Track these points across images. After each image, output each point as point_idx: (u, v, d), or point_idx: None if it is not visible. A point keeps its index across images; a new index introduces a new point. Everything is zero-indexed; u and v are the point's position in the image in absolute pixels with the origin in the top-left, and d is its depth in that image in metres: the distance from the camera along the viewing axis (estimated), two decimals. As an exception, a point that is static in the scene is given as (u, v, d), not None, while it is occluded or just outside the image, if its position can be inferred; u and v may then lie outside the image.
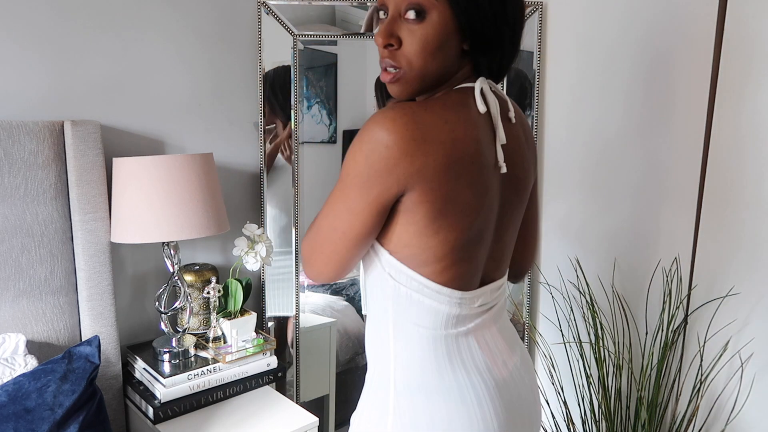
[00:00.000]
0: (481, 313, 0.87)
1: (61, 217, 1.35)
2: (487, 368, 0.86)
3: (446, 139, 0.74)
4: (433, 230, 0.77)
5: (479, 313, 0.87)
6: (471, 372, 0.85)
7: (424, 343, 0.84)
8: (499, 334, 0.90)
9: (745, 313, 1.47)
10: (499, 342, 0.90)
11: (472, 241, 0.81)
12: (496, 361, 0.88)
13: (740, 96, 1.42)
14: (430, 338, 0.84)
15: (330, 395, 1.94)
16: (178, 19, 1.55)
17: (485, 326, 0.88)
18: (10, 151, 1.26)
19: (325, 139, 1.86)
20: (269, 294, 1.78)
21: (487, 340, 0.88)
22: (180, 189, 1.31)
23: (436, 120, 0.75)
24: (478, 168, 0.77)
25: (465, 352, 0.85)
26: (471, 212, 0.78)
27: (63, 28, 1.37)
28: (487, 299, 0.88)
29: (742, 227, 1.45)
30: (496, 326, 0.90)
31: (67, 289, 1.37)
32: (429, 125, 0.74)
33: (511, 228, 0.90)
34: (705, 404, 1.54)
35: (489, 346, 0.88)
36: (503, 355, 0.89)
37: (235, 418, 1.39)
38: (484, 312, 0.88)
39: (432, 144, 0.73)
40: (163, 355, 1.43)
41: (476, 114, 0.79)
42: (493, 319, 0.90)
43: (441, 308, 0.82)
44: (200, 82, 1.62)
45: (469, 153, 0.76)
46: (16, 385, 1.09)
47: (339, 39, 1.76)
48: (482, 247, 0.84)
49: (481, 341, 0.87)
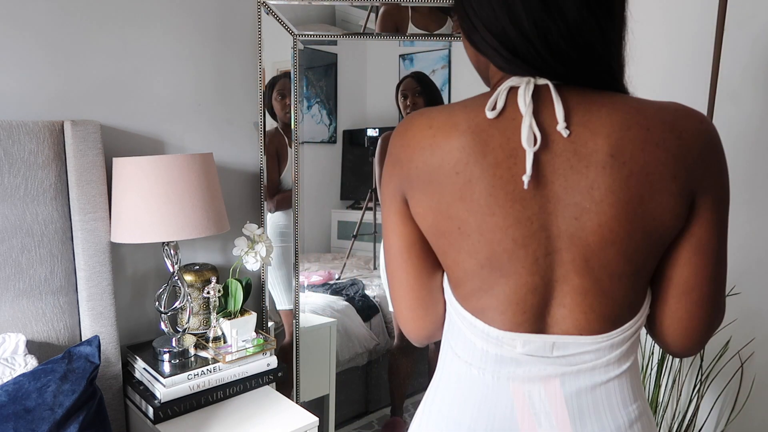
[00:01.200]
0: (535, 363, 0.70)
1: (61, 217, 1.35)
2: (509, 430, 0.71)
3: (425, 144, 0.69)
4: (441, 248, 0.73)
5: (532, 362, 0.70)
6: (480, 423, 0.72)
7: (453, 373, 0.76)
8: (563, 404, 0.70)
9: (745, 313, 1.47)
10: (556, 410, 0.70)
11: (487, 269, 0.69)
12: (532, 429, 0.71)
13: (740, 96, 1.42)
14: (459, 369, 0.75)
15: (330, 395, 1.94)
16: (178, 19, 1.55)
17: (538, 381, 0.70)
18: (10, 151, 1.26)
19: (325, 139, 1.86)
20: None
21: (532, 399, 0.70)
22: (180, 189, 1.31)
23: (422, 123, 0.71)
24: (465, 180, 0.67)
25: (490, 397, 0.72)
26: (471, 232, 0.68)
27: (63, 28, 1.37)
28: (543, 351, 0.70)
29: (742, 227, 1.45)
30: (564, 393, 0.70)
31: (67, 289, 1.37)
32: (416, 130, 0.71)
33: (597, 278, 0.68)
34: (705, 404, 1.54)
35: (532, 406, 0.71)
36: (551, 428, 0.70)
37: (235, 418, 1.39)
38: (538, 363, 0.70)
39: (414, 150, 0.70)
40: (163, 355, 1.43)
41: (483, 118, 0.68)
42: (558, 379, 0.70)
43: (476, 342, 0.72)
44: (200, 82, 1.62)
45: (450, 162, 0.67)
46: (16, 385, 1.09)
47: (339, 39, 1.76)
48: (508, 280, 0.69)
49: (519, 394, 0.71)
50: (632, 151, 0.64)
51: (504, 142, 0.66)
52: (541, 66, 0.67)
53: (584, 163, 0.65)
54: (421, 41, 1.80)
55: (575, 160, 0.65)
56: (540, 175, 0.66)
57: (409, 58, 1.89)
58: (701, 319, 0.72)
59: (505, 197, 0.66)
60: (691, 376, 1.56)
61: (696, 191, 0.66)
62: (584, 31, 0.65)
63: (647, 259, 0.69)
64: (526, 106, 0.65)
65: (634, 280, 0.69)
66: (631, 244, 0.66)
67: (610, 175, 0.64)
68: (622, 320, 0.70)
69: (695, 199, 0.67)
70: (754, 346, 1.45)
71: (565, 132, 0.65)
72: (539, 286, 0.69)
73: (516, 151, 0.66)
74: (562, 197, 0.66)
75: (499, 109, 0.67)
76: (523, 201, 0.66)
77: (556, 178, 0.66)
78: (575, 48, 0.65)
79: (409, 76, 1.87)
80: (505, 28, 0.66)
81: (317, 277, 2.01)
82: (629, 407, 0.72)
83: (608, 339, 0.69)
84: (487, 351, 0.71)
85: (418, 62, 1.87)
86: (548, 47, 0.65)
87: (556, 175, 0.66)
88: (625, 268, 0.67)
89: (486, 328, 0.71)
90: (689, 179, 0.65)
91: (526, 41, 0.66)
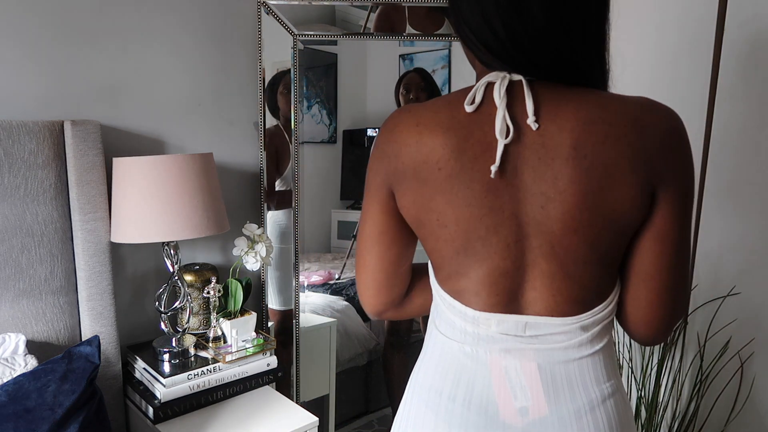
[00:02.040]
0: (510, 341, 0.74)
1: (61, 217, 1.35)
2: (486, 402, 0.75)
3: (412, 142, 0.73)
4: (422, 236, 0.79)
5: (507, 340, 0.74)
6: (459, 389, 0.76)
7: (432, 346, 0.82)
8: (538, 377, 0.73)
9: (745, 313, 1.47)
10: (531, 384, 0.74)
11: (462, 254, 0.74)
12: (508, 401, 0.74)
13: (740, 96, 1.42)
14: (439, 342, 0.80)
15: (330, 395, 1.94)
16: (178, 19, 1.55)
17: (515, 358, 0.74)
18: (10, 151, 1.26)
19: (325, 139, 1.86)
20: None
21: (509, 373, 0.74)
22: (180, 189, 1.31)
23: (409, 121, 0.74)
24: (446, 175, 0.71)
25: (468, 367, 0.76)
26: (449, 223, 0.73)
27: (63, 28, 1.37)
28: (517, 330, 0.74)
29: (742, 227, 1.45)
30: (538, 368, 0.74)
31: (67, 289, 1.37)
32: (403, 126, 0.75)
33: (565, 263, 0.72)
34: (705, 404, 1.54)
35: (509, 380, 0.74)
36: (526, 400, 0.74)
37: (235, 418, 1.39)
38: (514, 341, 0.74)
39: (401, 146, 0.74)
40: (163, 355, 1.43)
41: (464, 114, 0.71)
42: (534, 356, 0.74)
43: (455, 320, 0.77)
44: (200, 82, 1.62)
45: (433, 158, 0.71)
46: (16, 385, 1.09)
47: (339, 39, 1.76)
48: (482, 264, 0.73)
49: (496, 369, 0.74)
50: (593, 144, 0.67)
51: (482, 136, 0.70)
52: (513, 63, 0.71)
53: (551, 155, 0.69)
54: (421, 41, 1.80)
55: (543, 152, 0.69)
56: (511, 166, 0.70)
57: (409, 58, 1.89)
58: (660, 307, 0.75)
59: (480, 188, 0.70)
60: (691, 376, 1.56)
61: (657, 184, 0.69)
62: (551, 34, 0.68)
63: (611, 247, 0.72)
64: (500, 100, 0.69)
65: (599, 267, 0.73)
66: (593, 232, 0.70)
67: (572, 167, 0.68)
68: (591, 304, 0.74)
69: (656, 192, 0.69)
70: (754, 346, 1.45)
71: (534, 125, 0.68)
72: (510, 270, 0.73)
73: (492, 145, 0.70)
74: (531, 187, 0.70)
75: (477, 103, 0.71)
76: (496, 191, 0.70)
77: (525, 169, 0.70)
78: (542, 49, 0.69)
79: (413, 71, 1.87)
80: (480, 27, 0.70)
81: (317, 277, 2.01)
82: (602, 384, 0.75)
83: (578, 321, 0.73)
84: (466, 329, 0.76)
85: (418, 62, 1.87)
86: (517, 47, 0.69)
87: (526, 166, 0.70)
88: (588, 254, 0.71)
89: (463, 309, 0.76)
90: (650, 173, 0.68)
91: (498, 40, 0.70)
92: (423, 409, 0.80)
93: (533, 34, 0.68)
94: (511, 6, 0.68)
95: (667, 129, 0.68)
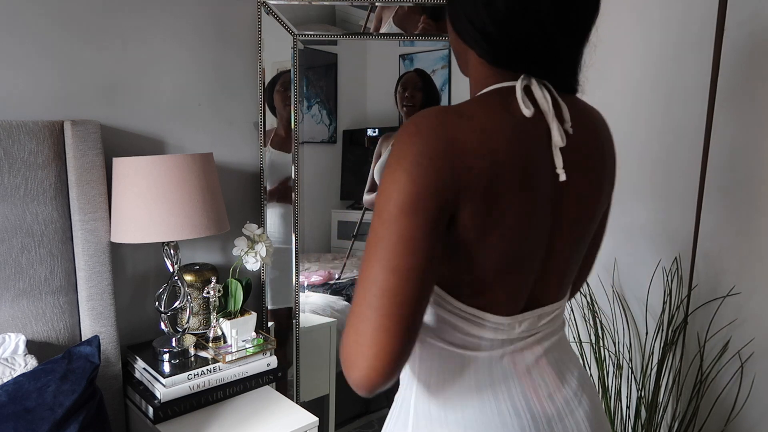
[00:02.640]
0: (523, 338, 0.77)
1: (61, 217, 1.35)
2: (524, 400, 0.75)
3: (483, 152, 0.63)
4: (466, 254, 0.68)
5: (521, 338, 0.77)
6: (503, 402, 0.74)
7: (451, 365, 0.74)
8: (547, 364, 0.79)
9: (745, 313, 1.47)
10: (546, 372, 0.78)
11: (512, 266, 0.70)
12: (538, 393, 0.77)
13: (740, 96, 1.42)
14: (457, 358, 0.74)
15: (330, 395, 1.94)
16: (178, 19, 1.55)
17: (528, 352, 0.77)
18: (10, 151, 1.26)
19: (325, 139, 1.86)
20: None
21: (529, 368, 0.77)
22: (180, 189, 1.31)
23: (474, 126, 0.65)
24: (518, 185, 0.66)
25: (498, 377, 0.75)
26: (512, 237, 0.68)
27: (63, 28, 1.37)
28: (533, 325, 0.77)
29: (742, 227, 1.45)
30: (545, 354, 0.79)
31: (67, 289, 1.37)
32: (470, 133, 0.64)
33: (574, 250, 0.79)
34: (705, 404, 1.54)
35: (531, 375, 0.77)
36: (549, 388, 0.78)
37: (235, 418, 1.39)
38: (529, 337, 0.77)
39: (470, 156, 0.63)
40: (163, 355, 1.43)
41: (522, 119, 0.67)
42: (540, 345, 0.78)
43: (474, 331, 0.73)
44: (200, 82, 1.62)
45: (505, 168, 0.65)
46: (16, 385, 1.09)
47: (339, 39, 1.76)
48: (525, 271, 0.73)
49: (519, 367, 0.76)
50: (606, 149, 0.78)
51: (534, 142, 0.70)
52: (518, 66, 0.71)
53: (579, 157, 0.73)
54: (421, 41, 1.80)
55: (576, 154, 0.72)
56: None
57: (409, 58, 1.89)
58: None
59: (541, 195, 0.70)
60: (691, 376, 1.56)
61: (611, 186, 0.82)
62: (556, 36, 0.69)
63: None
64: (547, 105, 0.70)
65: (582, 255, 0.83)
66: (593, 228, 0.81)
67: (595, 168, 0.76)
68: (567, 289, 0.85)
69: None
70: (754, 346, 1.45)
71: (570, 130, 0.72)
72: (539, 271, 0.76)
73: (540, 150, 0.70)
74: (570, 187, 0.73)
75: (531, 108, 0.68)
76: (548, 196, 0.71)
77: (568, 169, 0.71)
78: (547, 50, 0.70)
79: (413, 70, 1.87)
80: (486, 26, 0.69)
81: (317, 277, 2.01)
82: (574, 354, 0.87)
83: (563, 302, 0.84)
84: (482, 336, 0.74)
85: (418, 62, 1.87)
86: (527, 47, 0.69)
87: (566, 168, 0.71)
88: (585, 247, 0.82)
89: (490, 317, 0.73)
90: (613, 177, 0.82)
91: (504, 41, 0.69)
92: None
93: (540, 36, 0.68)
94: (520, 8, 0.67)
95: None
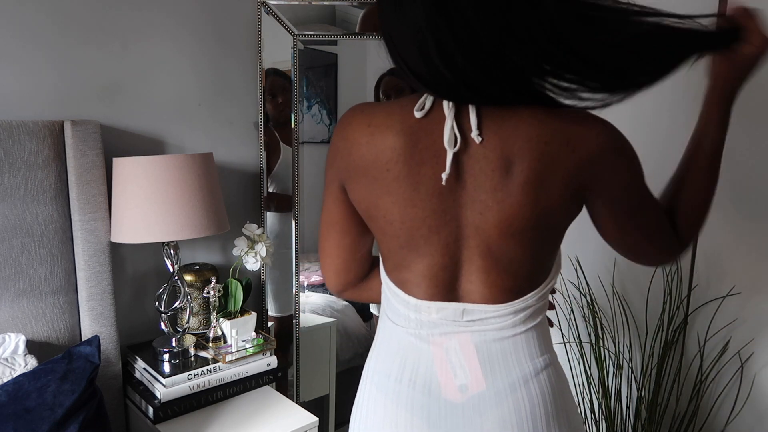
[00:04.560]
0: (449, 325, 0.81)
1: (61, 217, 1.35)
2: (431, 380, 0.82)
3: (363, 141, 0.78)
4: (371, 228, 0.85)
5: (446, 324, 0.82)
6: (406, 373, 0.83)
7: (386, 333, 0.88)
8: (474, 355, 0.80)
9: (745, 313, 1.47)
10: (469, 362, 0.81)
11: (406, 249, 0.81)
12: (449, 379, 0.81)
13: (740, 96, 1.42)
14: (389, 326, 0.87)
15: (330, 395, 1.94)
16: (178, 19, 1.55)
17: (453, 339, 0.81)
18: (10, 151, 1.26)
19: (325, 139, 1.86)
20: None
21: (449, 354, 0.81)
22: (180, 189, 1.31)
23: (362, 121, 0.79)
24: (394, 176, 0.76)
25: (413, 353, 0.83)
26: (394, 220, 0.79)
27: (63, 28, 1.37)
28: (455, 317, 0.81)
29: (742, 227, 1.45)
30: (474, 345, 0.81)
31: (67, 289, 1.37)
32: (356, 126, 0.79)
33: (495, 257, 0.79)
34: (705, 404, 1.54)
35: (449, 360, 0.81)
36: (465, 378, 0.80)
37: (235, 418, 1.39)
38: (454, 327, 0.81)
39: (353, 144, 0.78)
40: (163, 355, 1.43)
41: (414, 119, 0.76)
42: (469, 338, 0.81)
43: (400, 308, 0.85)
44: (200, 82, 1.62)
45: (383, 159, 0.76)
46: (16, 385, 1.09)
47: (339, 39, 1.76)
48: (423, 259, 0.80)
49: (438, 350, 0.82)
50: (530, 161, 0.73)
51: (430, 143, 0.75)
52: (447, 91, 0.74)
53: (491, 167, 0.74)
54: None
55: (485, 163, 0.75)
56: (457, 173, 0.76)
57: (409, 58, 1.88)
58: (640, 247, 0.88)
59: (426, 191, 0.76)
60: (691, 376, 1.56)
61: (589, 191, 0.77)
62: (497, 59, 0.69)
63: (543, 246, 0.81)
64: (449, 110, 0.74)
65: (532, 262, 0.80)
66: (525, 237, 0.77)
67: (510, 180, 0.74)
68: (523, 292, 0.81)
69: (588, 195, 0.78)
70: (754, 346, 1.45)
71: (478, 138, 0.73)
72: (449, 265, 0.80)
73: (438, 152, 0.75)
74: (471, 194, 0.76)
75: (426, 109, 0.76)
76: (441, 195, 0.76)
77: (468, 178, 0.76)
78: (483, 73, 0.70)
79: (388, 73, 1.78)
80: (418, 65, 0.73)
81: (317, 277, 2.01)
82: (536, 359, 0.82)
83: (510, 307, 0.81)
84: (409, 315, 0.83)
85: (418, 62, 1.87)
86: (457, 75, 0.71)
87: (469, 175, 0.75)
88: (523, 253, 0.79)
89: (407, 297, 0.83)
90: (580, 183, 0.75)
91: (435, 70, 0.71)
92: (374, 392, 0.87)
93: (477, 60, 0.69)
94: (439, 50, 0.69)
95: (599, 146, 0.74)
